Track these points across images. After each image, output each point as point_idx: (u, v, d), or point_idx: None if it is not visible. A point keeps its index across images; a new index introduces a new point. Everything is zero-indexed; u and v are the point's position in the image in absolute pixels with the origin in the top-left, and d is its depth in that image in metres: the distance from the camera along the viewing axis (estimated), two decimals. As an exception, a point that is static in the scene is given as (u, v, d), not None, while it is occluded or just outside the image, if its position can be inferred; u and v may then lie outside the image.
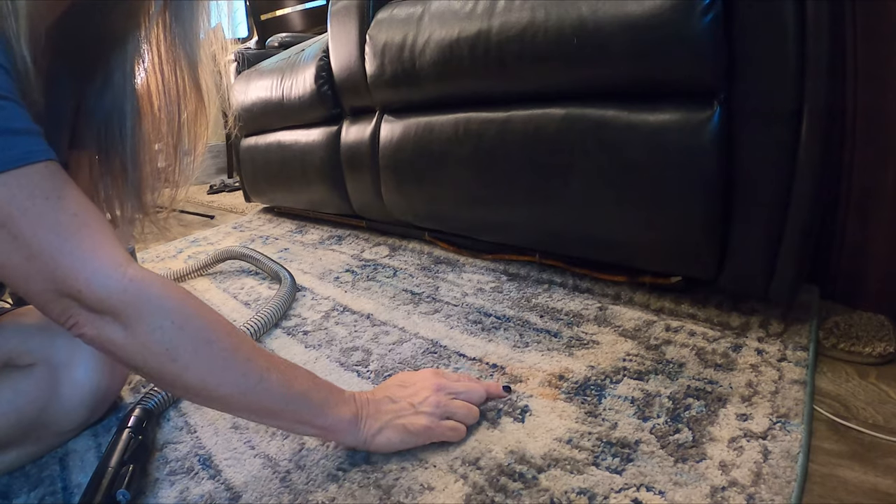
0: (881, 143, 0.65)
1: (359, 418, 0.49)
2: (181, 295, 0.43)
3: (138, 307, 0.40)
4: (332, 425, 0.48)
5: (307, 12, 2.42)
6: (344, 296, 0.93)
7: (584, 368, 0.61)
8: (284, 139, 1.39)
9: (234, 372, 0.43)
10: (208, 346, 0.42)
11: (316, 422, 0.47)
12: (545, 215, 0.80)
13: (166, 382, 0.44)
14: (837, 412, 0.51)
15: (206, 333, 0.43)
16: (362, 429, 0.49)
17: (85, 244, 0.39)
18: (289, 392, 0.46)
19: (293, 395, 0.46)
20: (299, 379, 0.47)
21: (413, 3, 0.93)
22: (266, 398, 0.45)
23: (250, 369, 0.44)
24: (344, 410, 0.48)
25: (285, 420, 0.47)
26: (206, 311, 0.44)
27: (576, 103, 0.72)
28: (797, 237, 0.59)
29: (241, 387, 0.44)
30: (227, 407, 0.46)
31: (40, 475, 0.53)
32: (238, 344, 0.44)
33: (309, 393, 0.47)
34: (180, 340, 0.41)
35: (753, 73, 0.57)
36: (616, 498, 0.42)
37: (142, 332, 0.40)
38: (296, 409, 0.46)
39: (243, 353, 0.44)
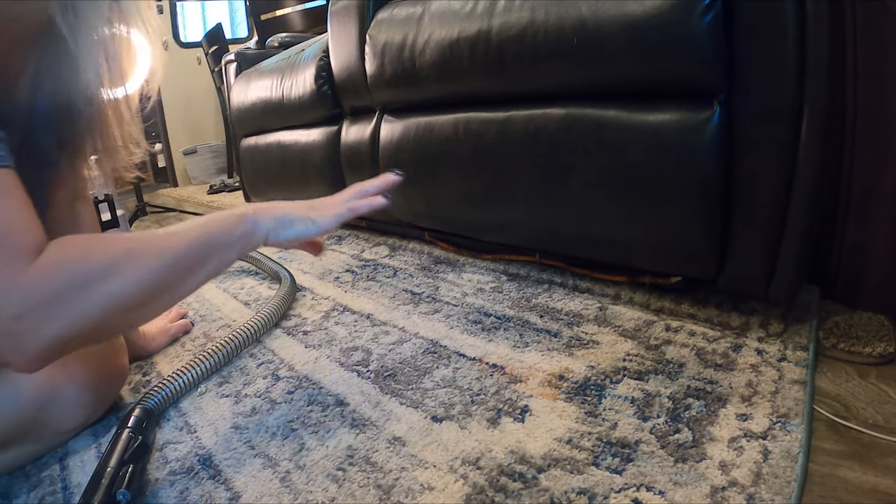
0: (881, 143, 0.65)
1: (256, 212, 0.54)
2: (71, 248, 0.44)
3: (47, 291, 0.41)
4: (246, 229, 0.53)
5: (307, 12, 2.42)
6: (344, 296, 0.93)
7: (584, 368, 0.61)
8: (284, 139, 1.39)
9: (151, 261, 0.46)
10: (119, 266, 0.44)
11: (233, 237, 0.52)
12: (545, 215, 0.80)
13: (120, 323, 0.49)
14: (837, 412, 0.51)
15: (110, 260, 0.44)
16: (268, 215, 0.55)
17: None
18: (196, 234, 0.50)
19: (201, 234, 0.50)
20: (194, 223, 0.52)
21: (413, 3, 0.93)
22: (185, 254, 0.49)
23: (160, 247, 0.48)
24: (239, 212, 0.54)
25: (214, 256, 0.51)
26: (95, 243, 0.46)
27: (576, 103, 0.72)
28: (797, 237, 0.59)
29: (165, 264, 0.47)
30: (175, 287, 0.49)
31: (40, 475, 0.53)
32: (138, 242, 0.47)
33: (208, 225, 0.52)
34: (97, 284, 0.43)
35: (753, 73, 0.57)
36: (616, 498, 0.42)
37: (65, 308, 0.41)
38: (213, 240, 0.51)
39: (147, 245, 0.47)
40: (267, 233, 0.54)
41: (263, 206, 0.56)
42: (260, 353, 0.75)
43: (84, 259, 0.43)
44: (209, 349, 0.71)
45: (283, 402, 0.62)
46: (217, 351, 0.71)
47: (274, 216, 0.55)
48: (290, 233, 0.56)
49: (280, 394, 0.63)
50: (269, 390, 0.65)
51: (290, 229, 0.56)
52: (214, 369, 0.70)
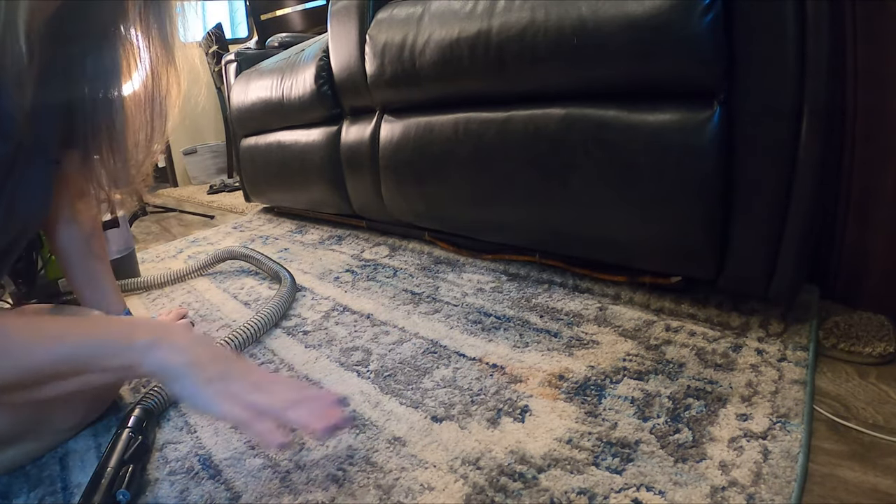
0: (881, 143, 0.65)
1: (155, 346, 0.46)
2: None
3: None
4: (128, 362, 0.46)
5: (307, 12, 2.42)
6: (344, 296, 0.93)
7: (584, 368, 0.61)
8: (284, 139, 1.39)
9: (12, 359, 0.42)
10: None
11: (110, 364, 0.46)
12: (545, 215, 0.80)
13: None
14: (837, 412, 0.51)
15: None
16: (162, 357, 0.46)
17: None
18: (64, 347, 0.44)
19: (69, 350, 0.45)
20: (78, 328, 0.46)
21: (413, 3, 0.93)
22: (44, 364, 0.44)
23: (25, 345, 0.43)
24: (137, 338, 0.46)
25: (84, 374, 0.45)
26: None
27: (576, 103, 0.72)
28: (797, 237, 0.59)
29: (19, 365, 0.43)
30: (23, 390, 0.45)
31: (40, 475, 0.53)
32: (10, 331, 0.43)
33: (88, 340, 0.46)
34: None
35: (753, 73, 0.57)
36: (616, 498, 0.42)
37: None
38: (86, 361, 0.45)
39: (17, 338, 0.43)
40: (155, 372, 0.46)
41: (177, 339, 0.47)
42: (260, 353, 0.75)
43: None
44: (209, 349, 0.71)
45: (283, 402, 0.62)
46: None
47: (168, 359, 0.46)
48: (179, 391, 0.46)
49: (280, 394, 0.63)
50: (269, 390, 0.64)
51: (180, 388, 0.46)
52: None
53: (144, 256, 1.39)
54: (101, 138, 0.57)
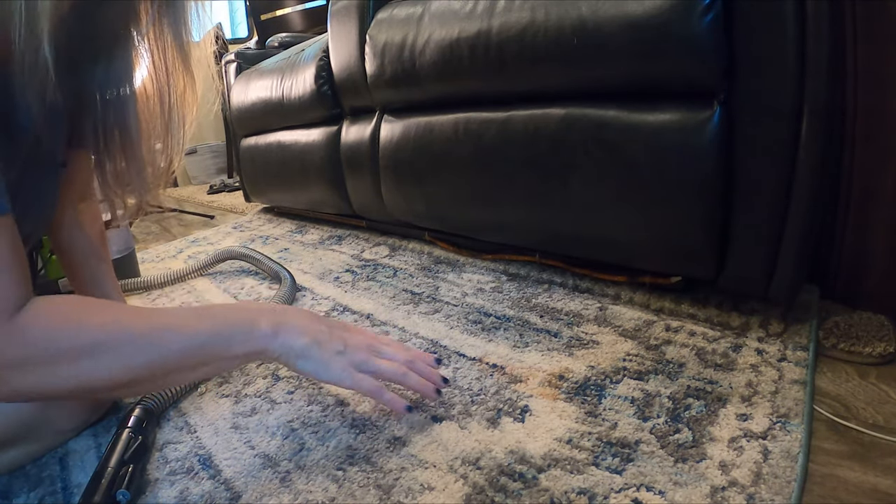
0: (881, 143, 0.65)
1: (278, 330, 0.49)
2: (60, 316, 0.42)
3: (22, 353, 0.39)
4: (253, 347, 0.48)
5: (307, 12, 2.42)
6: (344, 296, 0.93)
7: (584, 368, 0.61)
8: (284, 139, 1.39)
9: (131, 355, 0.43)
10: (97, 351, 0.42)
11: (237, 351, 0.47)
12: (545, 215, 0.80)
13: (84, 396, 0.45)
14: (837, 412, 0.51)
15: (91, 342, 0.42)
16: (285, 340, 0.49)
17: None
18: (195, 337, 0.46)
19: (200, 338, 0.46)
20: (203, 320, 0.47)
21: (413, 3, 0.93)
22: (175, 356, 0.45)
23: (149, 341, 0.44)
24: (260, 324, 0.48)
25: (210, 364, 0.47)
26: (86, 316, 0.43)
27: (576, 103, 0.72)
28: (797, 237, 0.59)
29: (145, 361, 0.43)
30: (149, 383, 0.46)
31: (40, 475, 0.53)
32: (129, 327, 0.44)
33: (217, 328, 0.47)
34: (71, 362, 0.41)
35: (753, 74, 0.57)
36: (616, 498, 0.42)
37: (35, 374, 0.40)
38: (212, 350, 0.46)
39: (135, 333, 0.44)
40: (279, 355, 0.49)
41: (296, 322, 0.51)
42: (260, 353, 0.75)
43: (68, 334, 0.41)
44: (209, 349, 0.70)
45: (283, 402, 0.62)
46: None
47: (292, 340, 0.49)
48: (305, 367, 0.50)
49: (280, 394, 0.63)
50: (269, 390, 0.65)
51: (306, 363, 0.50)
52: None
53: (144, 256, 1.39)
54: (115, 146, 0.56)
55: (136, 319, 0.45)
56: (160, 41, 0.53)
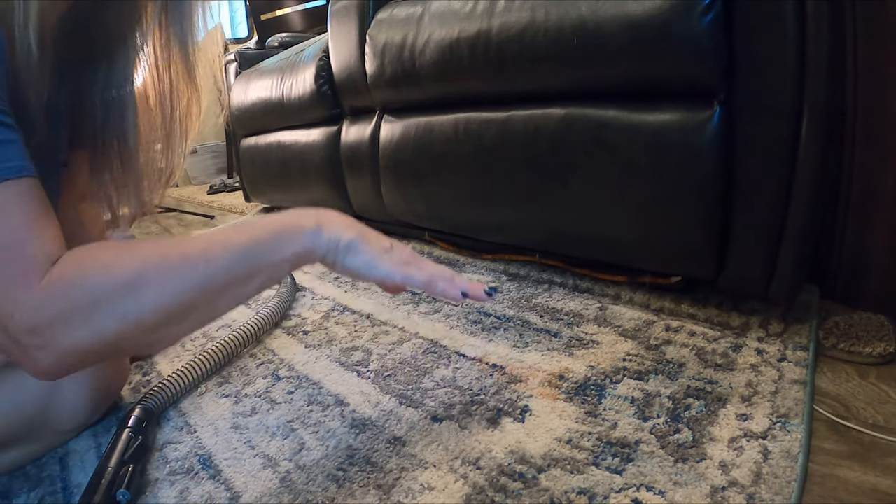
0: (881, 143, 0.65)
1: (321, 225, 0.47)
2: (92, 259, 0.40)
3: (62, 305, 0.38)
4: (300, 246, 0.46)
5: (307, 12, 2.42)
6: (344, 296, 0.93)
7: (584, 368, 0.61)
8: (284, 139, 1.39)
9: (177, 279, 0.41)
10: (139, 283, 0.40)
11: (286, 254, 0.45)
12: (545, 215, 0.80)
13: (141, 342, 0.42)
14: (837, 412, 0.51)
15: (131, 275, 0.40)
16: (331, 234, 0.47)
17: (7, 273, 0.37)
18: (239, 248, 0.43)
19: (245, 249, 0.44)
20: (243, 231, 0.45)
21: (413, 3, 0.93)
22: (222, 272, 0.42)
23: (190, 262, 0.42)
24: (304, 222, 0.47)
25: (259, 275, 0.45)
26: (119, 255, 0.41)
27: (576, 103, 0.72)
28: (797, 237, 0.59)
29: (194, 283, 0.41)
30: (205, 308, 0.44)
31: (40, 475, 0.53)
32: (165, 254, 0.42)
33: (258, 235, 0.45)
34: (114, 301, 0.39)
35: (753, 74, 0.57)
36: (616, 498, 0.42)
37: (81, 324, 0.38)
38: (259, 258, 0.44)
39: (174, 258, 0.42)
40: (326, 250, 0.47)
41: (328, 217, 0.49)
42: (260, 353, 0.75)
43: (102, 274, 0.39)
44: (209, 349, 0.71)
45: (283, 402, 0.62)
46: (217, 351, 0.71)
47: (340, 233, 0.47)
48: (354, 262, 0.48)
49: (280, 394, 0.63)
50: (269, 390, 0.65)
51: (355, 258, 0.48)
52: (214, 369, 0.70)
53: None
54: (113, 152, 0.55)
55: (172, 245, 0.43)
56: (165, 52, 0.52)
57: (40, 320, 0.37)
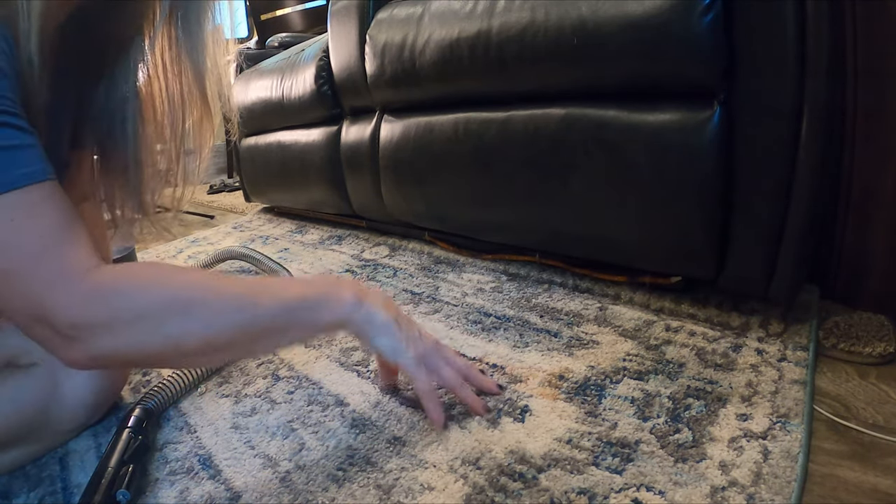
0: (881, 143, 0.65)
1: (362, 301, 0.50)
2: (144, 275, 0.42)
3: (108, 312, 0.39)
4: (338, 315, 0.48)
5: (307, 12, 2.42)
6: (344, 296, 0.93)
7: (584, 368, 0.61)
8: (284, 139, 1.39)
9: (226, 314, 0.43)
10: (189, 309, 0.42)
11: (325, 318, 0.48)
12: (545, 215, 0.80)
13: (172, 362, 0.44)
14: (837, 412, 0.51)
15: (182, 299, 0.42)
16: (368, 311, 0.50)
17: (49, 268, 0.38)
18: (285, 302, 0.46)
19: (290, 303, 0.46)
20: (290, 287, 0.47)
21: (413, 3, 0.93)
22: (266, 319, 0.45)
23: (240, 302, 0.44)
24: (345, 294, 0.49)
25: (296, 331, 0.47)
26: (171, 276, 0.43)
27: (576, 103, 0.72)
28: (797, 237, 0.59)
29: (240, 322, 0.43)
30: (241, 348, 0.46)
31: (40, 475, 0.53)
32: (217, 288, 0.44)
33: (305, 294, 0.47)
34: (161, 320, 0.40)
35: (753, 73, 0.57)
36: (616, 498, 0.42)
37: (123, 333, 0.40)
38: (300, 315, 0.46)
39: (226, 294, 0.44)
40: (361, 325, 0.50)
41: (376, 298, 0.51)
42: (260, 353, 0.75)
43: (155, 289, 0.41)
44: (209, 349, 0.71)
45: (283, 402, 0.62)
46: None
47: (378, 313, 0.50)
48: (382, 343, 0.51)
49: (280, 394, 0.63)
50: (269, 390, 0.65)
51: (384, 339, 0.50)
52: (214, 369, 0.70)
53: (144, 256, 1.39)
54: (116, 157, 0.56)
55: (226, 282, 0.45)
56: (176, 66, 0.52)
57: (82, 320, 0.38)
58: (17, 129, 0.39)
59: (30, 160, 0.39)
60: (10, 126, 0.38)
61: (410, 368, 0.51)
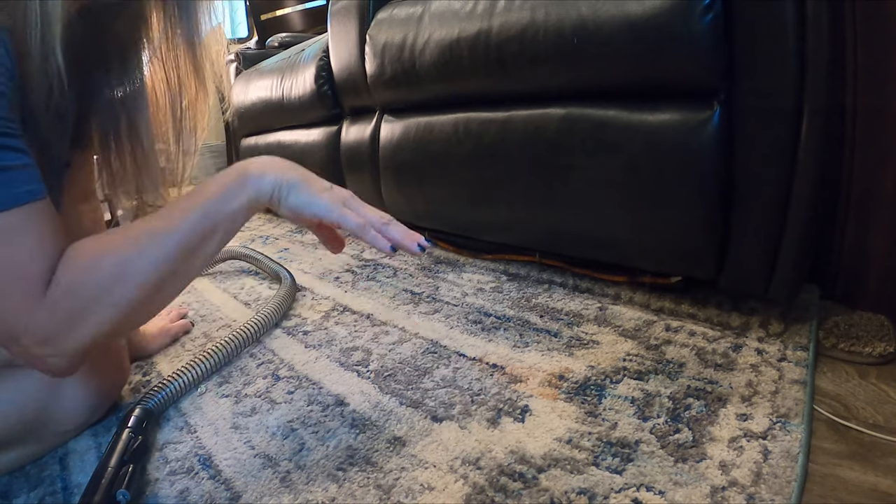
0: (881, 143, 0.65)
1: (264, 170, 0.50)
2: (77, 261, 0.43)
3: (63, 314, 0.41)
4: (250, 195, 0.49)
5: (307, 12, 2.42)
6: (344, 296, 0.93)
7: (584, 368, 0.61)
8: (284, 139, 1.39)
9: (151, 256, 0.45)
10: (121, 272, 0.43)
11: (236, 204, 0.48)
12: (545, 215, 0.80)
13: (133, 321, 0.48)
14: (837, 412, 0.51)
15: (110, 268, 0.43)
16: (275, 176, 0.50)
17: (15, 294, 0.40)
18: (195, 210, 0.47)
19: (202, 208, 0.47)
20: (197, 192, 0.48)
21: (413, 3, 0.93)
22: (188, 236, 0.46)
23: (156, 238, 0.45)
24: (250, 170, 0.50)
25: (219, 229, 0.48)
26: (95, 249, 0.44)
27: (576, 103, 0.72)
28: (797, 237, 0.59)
29: (166, 253, 0.45)
30: (185, 269, 0.47)
31: (40, 475, 0.53)
32: (134, 236, 0.45)
33: (212, 192, 0.48)
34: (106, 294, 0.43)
35: (753, 73, 0.57)
36: (616, 498, 0.42)
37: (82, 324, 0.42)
38: (215, 213, 0.47)
39: (142, 238, 0.45)
40: (272, 192, 0.50)
41: (271, 162, 0.51)
42: (260, 353, 0.75)
43: (92, 271, 0.43)
44: (209, 349, 0.71)
45: (283, 402, 0.62)
46: (217, 351, 0.71)
47: (283, 175, 0.50)
48: (296, 200, 0.50)
49: (280, 394, 0.63)
50: (269, 390, 0.65)
51: (297, 196, 0.50)
52: (214, 369, 0.70)
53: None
54: (125, 150, 0.57)
55: (138, 226, 0.47)
56: (172, 51, 0.53)
57: (49, 330, 0.41)
58: (14, 150, 0.39)
59: (16, 181, 0.40)
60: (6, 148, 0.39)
61: (333, 214, 0.50)
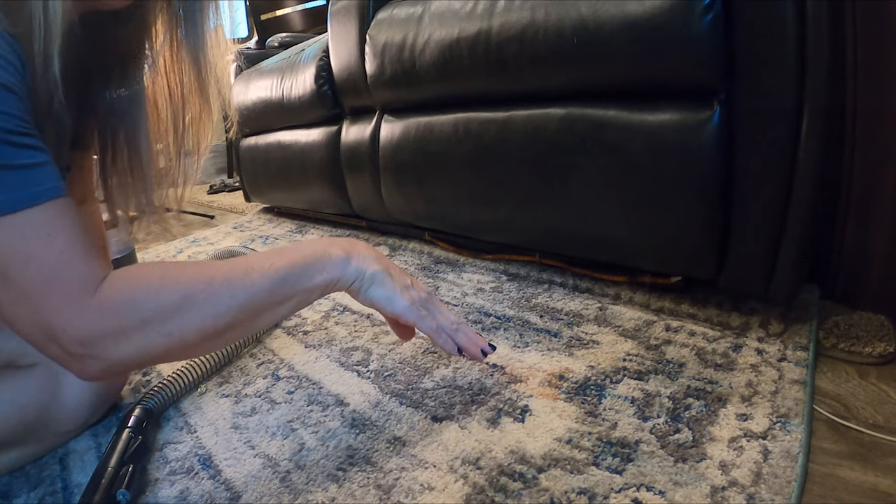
0: (881, 143, 0.65)
1: (350, 255, 0.51)
2: (142, 280, 0.43)
3: (114, 323, 0.40)
4: (330, 275, 0.49)
5: (307, 12, 2.42)
6: (344, 296, 0.93)
7: (584, 368, 0.61)
8: (284, 139, 1.39)
9: (221, 302, 0.44)
10: (185, 305, 0.42)
11: (317, 281, 0.49)
12: (545, 215, 0.80)
13: (180, 356, 0.45)
14: (837, 412, 0.51)
15: (177, 297, 0.42)
16: (358, 265, 0.51)
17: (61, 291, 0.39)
18: (276, 273, 0.46)
19: (281, 274, 0.47)
20: (280, 257, 0.48)
21: (413, 3, 0.93)
22: (262, 295, 0.45)
23: (232, 286, 0.44)
24: (333, 252, 0.50)
25: (293, 299, 0.48)
26: (165, 275, 0.43)
27: (576, 103, 0.72)
28: (797, 237, 0.59)
29: (236, 305, 0.44)
30: (244, 327, 0.46)
31: (40, 475, 0.53)
32: (209, 277, 0.44)
33: (294, 261, 0.48)
34: (162, 321, 0.41)
35: (753, 74, 0.57)
36: (616, 498, 0.42)
37: (128, 341, 0.40)
38: (293, 283, 0.47)
39: (218, 281, 0.44)
40: (353, 280, 0.51)
41: (356, 248, 0.52)
42: (260, 353, 0.75)
43: (156, 295, 0.42)
44: (209, 349, 0.71)
45: (283, 402, 0.62)
46: (217, 351, 0.71)
47: (367, 266, 0.51)
48: (376, 294, 0.52)
49: (280, 394, 0.63)
50: (269, 390, 0.65)
51: (377, 290, 0.52)
52: (215, 369, 0.70)
53: (144, 257, 1.39)
54: (123, 161, 0.56)
55: (217, 269, 0.46)
56: (176, 63, 0.53)
57: (92, 335, 0.39)
58: (34, 148, 0.39)
59: (43, 178, 0.39)
60: (27, 147, 0.38)
61: (410, 314, 0.52)
